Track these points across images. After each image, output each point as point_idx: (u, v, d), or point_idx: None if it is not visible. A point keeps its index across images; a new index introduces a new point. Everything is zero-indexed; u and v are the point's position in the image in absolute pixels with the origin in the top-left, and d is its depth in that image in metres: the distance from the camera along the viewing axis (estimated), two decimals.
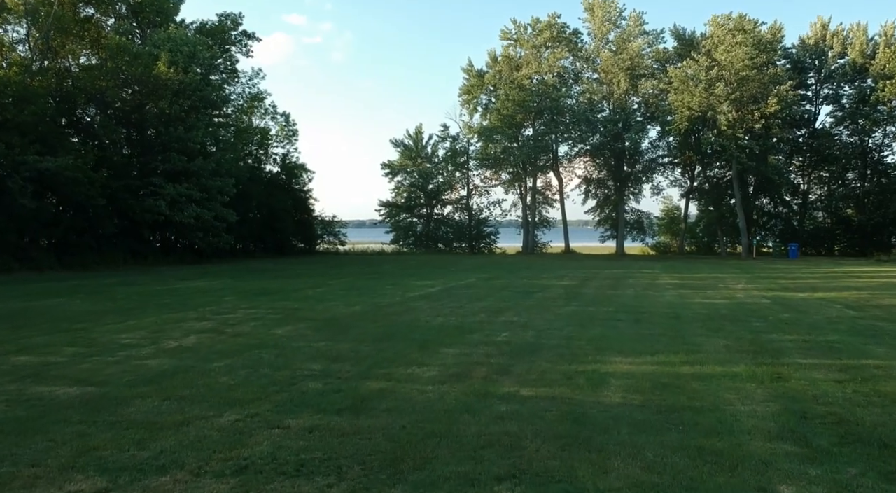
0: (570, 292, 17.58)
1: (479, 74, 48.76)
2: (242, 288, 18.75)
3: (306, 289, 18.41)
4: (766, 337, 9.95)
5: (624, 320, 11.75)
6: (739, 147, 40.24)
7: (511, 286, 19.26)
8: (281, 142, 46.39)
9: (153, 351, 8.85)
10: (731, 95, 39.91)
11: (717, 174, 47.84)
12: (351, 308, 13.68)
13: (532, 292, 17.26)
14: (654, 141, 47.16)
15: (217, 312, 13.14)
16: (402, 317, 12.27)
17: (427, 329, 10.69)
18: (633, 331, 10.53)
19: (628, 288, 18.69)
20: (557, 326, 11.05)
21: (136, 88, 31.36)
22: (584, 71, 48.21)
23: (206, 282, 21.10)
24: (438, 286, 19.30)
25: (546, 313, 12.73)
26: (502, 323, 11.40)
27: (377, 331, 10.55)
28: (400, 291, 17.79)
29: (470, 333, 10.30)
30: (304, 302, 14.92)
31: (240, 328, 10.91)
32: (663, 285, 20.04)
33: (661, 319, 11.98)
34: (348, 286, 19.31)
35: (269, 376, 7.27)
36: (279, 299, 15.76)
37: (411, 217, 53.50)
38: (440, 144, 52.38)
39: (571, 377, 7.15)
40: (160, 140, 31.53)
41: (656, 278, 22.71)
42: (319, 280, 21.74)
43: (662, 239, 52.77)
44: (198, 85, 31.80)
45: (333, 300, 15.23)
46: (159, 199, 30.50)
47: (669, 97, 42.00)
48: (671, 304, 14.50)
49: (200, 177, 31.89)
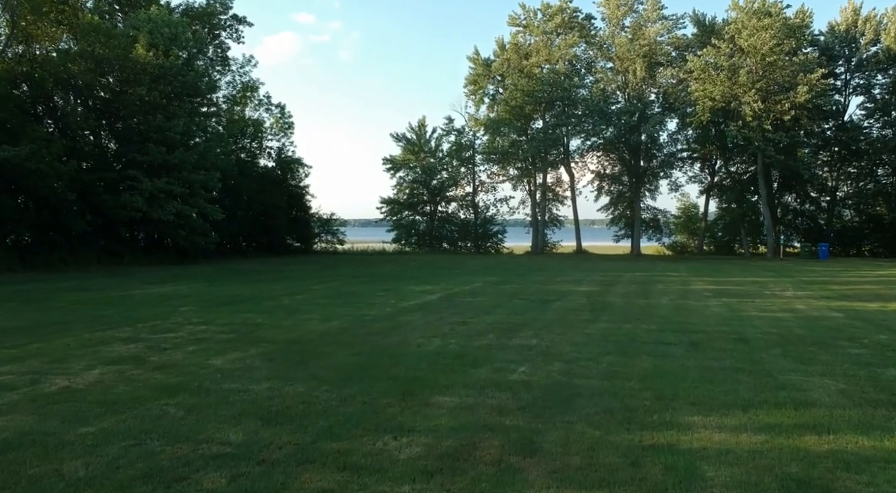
0: (594, 301, 14.83)
1: (485, 63, 45.90)
2: (210, 295, 16.08)
3: (284, 296, 15.73)
4: (887, 374, 7.19)
5: (676, 344, 9.01)
6: (766, 140, 37.40)
7: (523, 293, 16.53)
8: (276, 135, 43.68)
9: (17, 399, 6.16)
10: (756, 84, 37.03)
11: (740, 170, 44.95)
12: (326, 324, 10.98)
13: (549, 301, 14.53)
14: (672, 134, 44.22)
15: (157, 329, 10.46)
16: (387, 338, 9.57)
17: (417, 359, 7.98)
18: (696, 362, 7.79)
19: (661, 296, 15.93)
20: (591, 353, 8.32)
21: (112, 73, 28.71)
22: (598, 60, 45.29)
23: (173, 287, 18.43)
24: (439, 293, 16.60)
25: (572, 333, 10.00)
26: (517, 349, 8.68)
27: (349, 362, 7.84)
28: (393, 298, 15.10)
29: (475, 366, 7.57)
30: (273, 314, 12.23)
31: (170, 356, 8.23)
32: (699, 291, 17.26)
33: (724, 342, 9.23)
34: (334, 292, 16.62)
35: (153, 457, 4.56)
36: (245, 309, 13.08)
37: (414, 215, 50.73)
38: (444, 137, 49.59)
39: (638, 464, 4.41)
40: (138, 130, 28.87)
41: (687, 283, 19.92)
42: (304, 284, 19.06)
43: (679, 238, 49.86)
44: (179, 69, 29.11)
45: (309, 312, 12.53)
46: (136, 194, 27.89)
47: (690, 87, 39.17)
48: (724, 318, 11.74)
49: (182, 170, 29.26)
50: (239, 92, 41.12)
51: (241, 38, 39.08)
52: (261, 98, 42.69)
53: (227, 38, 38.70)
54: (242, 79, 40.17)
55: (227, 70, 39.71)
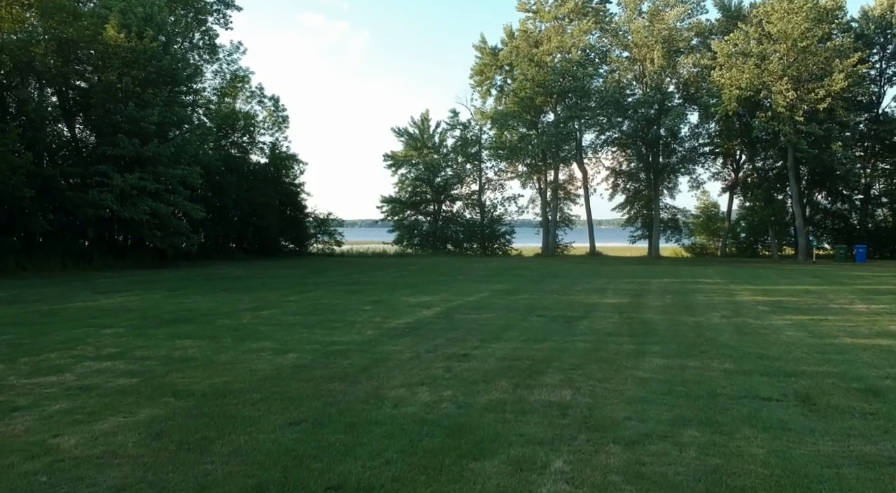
0: (630, 319, 11.87)
1: (493, 52, 42.90)
2: (159, 310, 13.22)
3: (247, 311, 12.85)
4: None
5: (779, 401, 6.05)
6: (797, 132, 34.33)
7: (540, 307, 13.61)
8: (269, 129, 40.78)
9: None
10: (787, 70, 33.96)
11: (766, 165, 41.82)
12: (277, 359, 8.08)
13: (573, 320, 11.60)
14: (694, 127, 41.05)
15: (40, 368, 7.57)
16: (353, 386, 6.66)
17: (388, 436, 5.06)
18: (835, 445, 4.84)
19: (709, 311, 12.96)
20: (659, 422, 5.38)
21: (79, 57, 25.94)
22: (613, 48, 42.23)
23: (124, 298, 15.58)
24: (437, 306, 13.70)
25: (617, 377, 7.06)
26: (543, 411, 5.75)
27: (275, 444, 4.91)
28: (380, 315, 12.21)
29: (478, 457, 4.64)
30: (217, 341, 9.36)
31: (11, 425, 5.36)
32: (751, 305, 14.28)
33: (847, 397, 6.25)
34: (310, 306, 13.74)
35: None
36: (187, 332, 10.20)
37: (416, 215, 47.83)
38: (449, 132, 46.71)
39: None
40: (108, 120, 26.08)
41: (731, 293, 16.93)
42: (279, 295, 16.19)
43: (698, 239, 46.69)
44: (154, 53, 26.30)
45: (265, 338, 9.65)
46: (105, 191, 25.10)
47: (713, 75, 36.11)
48: (815, 349, 8.75)
49: (157, 165, 26.46)
50: (228, 83, 38.31)
51: (229, 23, 36.35)
52: (253, 90, 39.90)
53: (215, 23, 36.01)
54: (231, 68, 37.30)
55: (214, 58, 36.98)
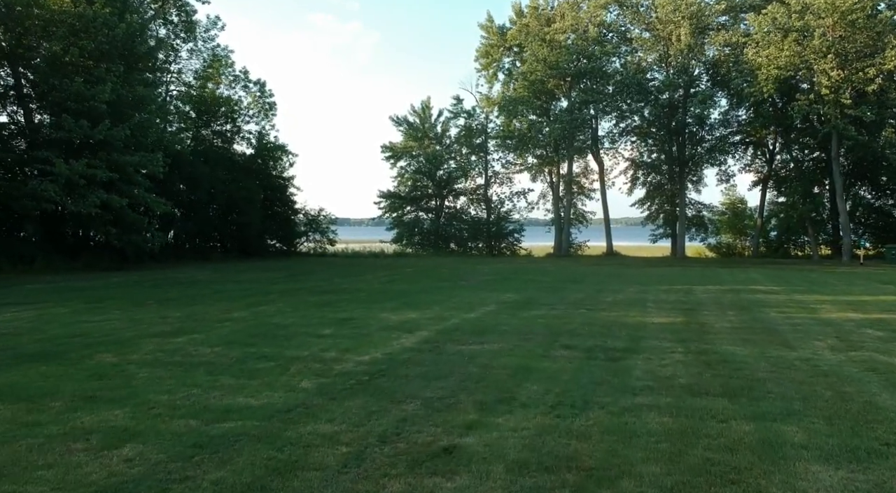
0: (706, 357, 8.02)
1: (500, 31, 39.07)
2: (37, 334, 9.49)
3: (154, 338, 9.09)
4: None
5: None
6: (845, 116, 30.36)
7: (565, 330, 9.80)
8: (255, 117, 37.08)
9: None
10: (832, 47, 29.99)
11: (801, 156, 37.82)
12: (73, 475, 4.31)
13: (620, 358, 7.77)
14: (724, 112, 36.98)
15: None
16: None
17: None
18: None
19: (808, 342, 9.10)
20: None
21: (15, 23, 22.29)
22: (633, 26, 38.25)
23: (13, 313, 11.86)
24: (424, 329, 9.93)
25: None
26: None
27: None
28: (338, 346, 8.44)
29: None
30: (33, 411, 5.61)
31: None
32: (851, 326, 10.43)
33: None
34: (248, 329, 9.98)
35: None
36: (17, 384, 6.46)
37: (417, 211, 44.01)
38: (452, 121, 42.89)
39: None
40: (52, 98, 22.43)
41: (811, 309, 13.03)
42: (221, 309, 12.44)
43: (725, 238, 42.66)
44: (106, 20, 22.61)
45: (125, 400, 5.87)
46: (48, 180, 21.47)
47: (747, 53, 32.15)
48: None
49: (111, 150, 22.80)
50: (208, 63, 34.64)
51: None
52: (236, 73, 36.24)
53: None
54: (208, 45, 33.63)
55: (191, 37, 33.34)
